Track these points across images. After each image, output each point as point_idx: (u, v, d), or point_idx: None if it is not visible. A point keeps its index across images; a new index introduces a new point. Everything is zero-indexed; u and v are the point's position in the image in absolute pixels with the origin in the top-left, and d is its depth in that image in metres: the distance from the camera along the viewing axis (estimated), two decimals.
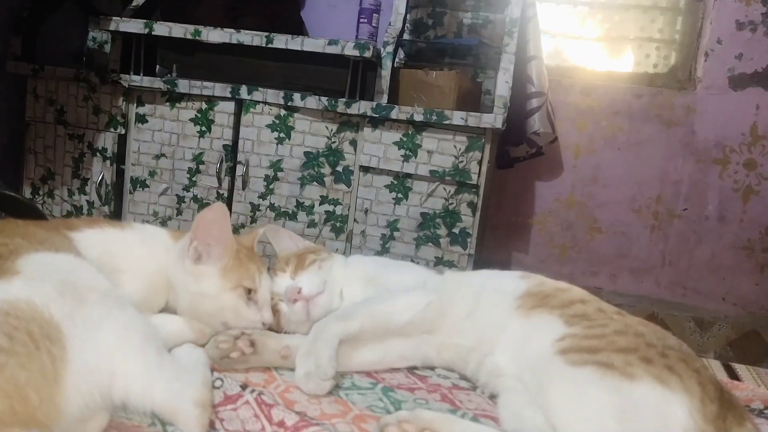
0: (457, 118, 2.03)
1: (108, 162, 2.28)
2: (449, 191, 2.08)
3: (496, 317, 0.99)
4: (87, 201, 2.32)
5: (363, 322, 0.98)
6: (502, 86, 2.11)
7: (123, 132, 2.27)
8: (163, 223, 2.27)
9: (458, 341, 1.02)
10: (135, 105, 2.25)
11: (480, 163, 2.05)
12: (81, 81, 2.24)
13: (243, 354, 0.94)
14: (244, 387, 0.89)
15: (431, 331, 1.02)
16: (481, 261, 2.14)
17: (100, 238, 0.96)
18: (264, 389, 0.91)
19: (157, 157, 2.26)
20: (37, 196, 2.33)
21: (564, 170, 2.63)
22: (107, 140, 2.28)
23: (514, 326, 0.97)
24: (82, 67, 2.25)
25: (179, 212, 2.27)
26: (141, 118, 2.25)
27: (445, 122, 2.04)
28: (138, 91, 2.24)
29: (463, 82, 2.20)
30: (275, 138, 2.17)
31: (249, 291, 1.01)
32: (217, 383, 0.89)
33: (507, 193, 2.66)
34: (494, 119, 2.03)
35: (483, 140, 2.04)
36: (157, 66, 2.32)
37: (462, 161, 2.06)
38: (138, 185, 2.29)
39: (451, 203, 2.09)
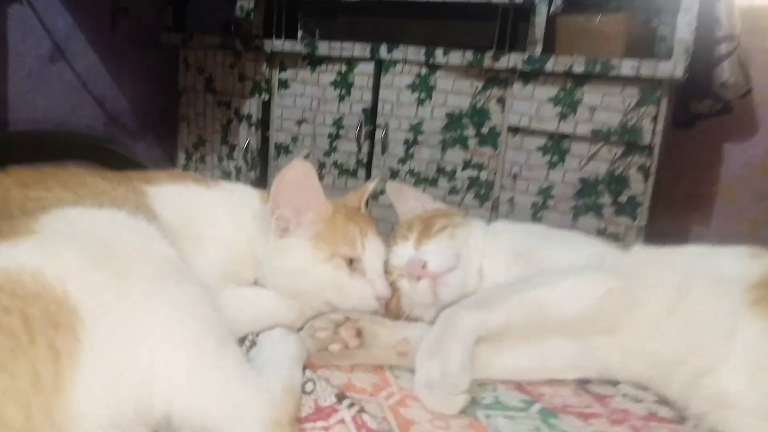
0: (627, 67, 1.64)
1: (253, 128, 2.17)
2: (615, 153, 1.70)
3: (717, 316, 0.63)
4: (235, 167, 2.23)
5: (511, 314, 0.68)
6: (683, 29, 1.66)
7: (267, 98, 2.14)
8: None
9: (655, 348, 0.67)
10: (278, 71, 2.11)
11: (654, 120, 1.64)
12: (227, 48, 2.15)
13: (346, 347, 0.69)
14: (340, 398, 0.62)
15: (612, 330, 0.69)
16: (653, 235, 1.72)
17: (181, 196, 0.74)
18: (370, 399, 0.64)
19: (299, 122, 2.11)
20: (189, 162, 2.29)
21: (759, 129, 2.08)
22: (252, 107, 2.16)
23: (749, 332, 0.61)
24: (228, 35, 2.15)
25: (321, 178, 2.09)
26: (283, 84, 2.11)
27: (611, 73, 1.66)
28: (280, 56, 2.10)
29: (632, 27, 1.78)
30: (415, 99, 1.91)
31: (351, 261, 0.75)
32: (308, 386, 0.64)
33: (686, 157, 2.16)
34: (673, 67, 1.61)
35: (658, 93, 1.64)
36: (299, 31, 2.15)
37: (632, 118, 1.66)
38: (282, 151, 2.16)
39: (618, 167, 1.70)
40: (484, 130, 1.84)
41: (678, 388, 0.65)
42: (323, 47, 1.99)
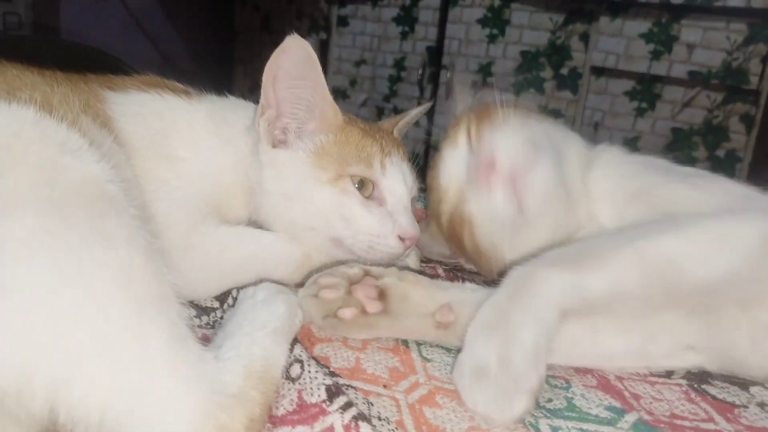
0: None
1: None
2: (714, 99, 1.49)
3: None
4: None
5: (622, 274, 0.45)
6: None
7: (325, 37, 1.99)
8: None
9: None
10: (337, 6, 1.96)
11: (764, 61, 1.44)
12: None
13: (362, 313, 0.48)
14: (333, 393, 0.40)
15: (746, 301, 0.47)
16: None
17: (150, 106, 0.56)
18: (383, 392, 0.42)
19: (358, 63, 1.96)
20: None
21: None
22: None
23: None
24: None
25: None
26: (342, 21, 1.95)
27: (716, 3, 1.42)
28: None
29: None
30: (486, 35, 1.72)
31: (364, 184, 0.56)
32: (295, 370, 0.42)
33: None
34: None
35: None
36: None
37: (737, 58, 1.44)
38: (339, 96, 2.02)
39: (717, 116, 1.49)
40: (564, 71, 1.65)
41: None
42: None
